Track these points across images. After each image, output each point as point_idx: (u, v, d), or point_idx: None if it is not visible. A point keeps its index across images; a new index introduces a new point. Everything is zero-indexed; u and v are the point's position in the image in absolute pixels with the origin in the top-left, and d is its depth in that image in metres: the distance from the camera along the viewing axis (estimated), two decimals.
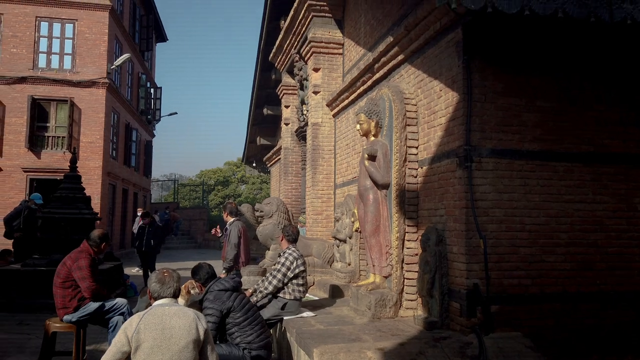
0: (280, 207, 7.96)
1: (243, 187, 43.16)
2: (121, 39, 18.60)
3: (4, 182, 15.57)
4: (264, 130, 17.14)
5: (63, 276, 5.04)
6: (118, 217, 19.07)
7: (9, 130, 15.75)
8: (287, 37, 10.25)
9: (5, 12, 15.93)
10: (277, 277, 5.24)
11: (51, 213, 8.61)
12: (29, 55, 16.05)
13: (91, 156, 16.18)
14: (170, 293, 3.11)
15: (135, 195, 22.23)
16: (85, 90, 16.34)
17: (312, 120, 9.01)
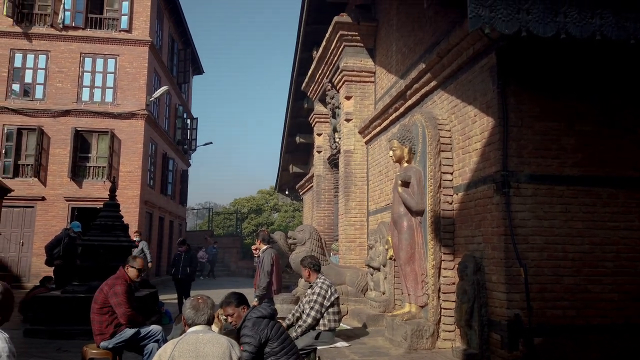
0: (313, 235, 7.93)
1: (276, 215, 43.36)
2: (160, 72, 19.31)
3: (47, 210, 16.15)
4: (297, 158, 17.29)
5: (100, 302, 5.13)
6: (154, 245, 19.40)
7: (53, 160, 16.41)
8: (319, 66, 10.41)
9: (52, 49, 16.82)
10: (315, 308, 5.16)
11: (90, 240, 8.83)
12: (73, 89, 16.82)
13: (129, 185, 16.63)
14: (205, 320, 3.11)
15: (171, 224, 22.63)
16: (125, 121, 16.93)
17: (345, 148, 9.04)
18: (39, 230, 15.97)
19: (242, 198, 44.99)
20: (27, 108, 16.38)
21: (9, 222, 15.61)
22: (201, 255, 24.46)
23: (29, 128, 16.34)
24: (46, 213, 16.12)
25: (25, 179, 16.07)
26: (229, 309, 4.14)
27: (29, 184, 15.99)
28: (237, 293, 4.67)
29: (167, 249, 21.61)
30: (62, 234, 10.89)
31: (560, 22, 3.58)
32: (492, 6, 3.57)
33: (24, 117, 16.33)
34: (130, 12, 17.20)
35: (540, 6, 3.54)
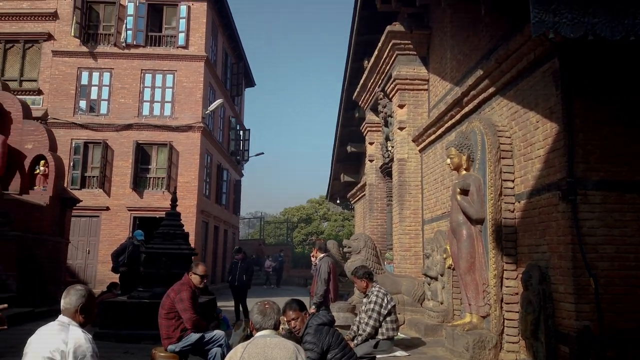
0: (368, 243, 7.95)
1: (325, 224, 43.52)
2: (214, 86, 19.98)
3: (111, 220, 16.99)
4: (348, 167, 17.36)
5: (167, 307, 5.36)
6: (210, 253, 19.97)
7: (116, 172, 17.28)
8: (371, 76, 10.47)
9: (116, 67, 17.78)
10: (373, 316, 5.17)
11: (153, 248, 9.21)
12: (134, 104, 17.68)
13: (187, 195, 17.24)
14: (272, 325, 3.20)
15: (226, 232, 23.22)
16: (182, 134, 17.61)
17: (398, 156, 9.02)
18: (103, 238, 16.82)
19: (292, 207, 45.49)
20: (92, 123, 17.37)
21: (77, 231, 16.52)
22: (268, 264, 24.76)
23: (94, 142, 17.30)
24: (110, 222, 16.96)
25: (91, 190, 16.99)
26: (293, 313, 4.22)
27: (95, 195, 16.90)
28: (298, 299, 4.76)
29: (221, 257, 22.17)
30: (127, 242, 11.43)
31: (629, 25, 3.46)
32: (556, 11, 3.51)
33: (90, 131, 17.32)
34: (187, 29, 17.94)
35: (606, 9, 3.45)
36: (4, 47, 17.68)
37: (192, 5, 18.12)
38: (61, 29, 17.69)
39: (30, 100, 16.29)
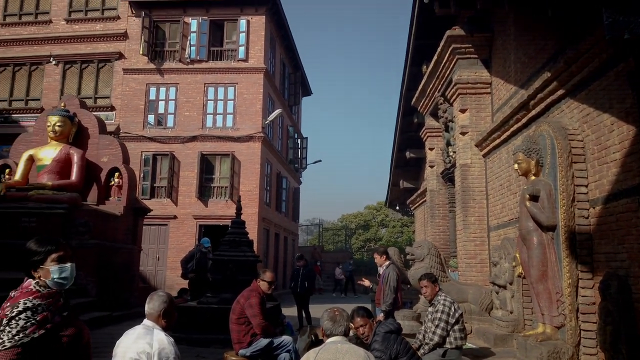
0: (432, 251, 7.86)
1: (384, 230, 43.20)
2: (273, 97, 20.46)
3: (178, 228, 17.76)
4: (407, 173, 17.20)
5: (237, 313, 5.56)
6: (271, 260, 20.38)
7: (182, 182, 18.06)
8: (430, 81, 10.36)
9: (181, 82, 18.64)
10: (440, 325, 5.11)
11: (221, 255, 9.55)
12: (198, 117, 18.43)
13: (249, 203, 17.71)
14: (342, 331, 3.26)
15: (285, 239, 23.61)
16: (243, 144, 18.15)
17: (461, 162, 8.86)
18: (172, 246, 17.60)
19: (349, 214, 45.56)
20: (160, 136, 18.26)
21: (147, 239, 17.37)
22: (338, 272, 24.89)
23: (162, 154, 18.19)
24: (178, 230, 17.72)
25: (159, 200, 17.84)
26: (360, 320, 4.26)
27: (163, 204, 17.72)
28: (364, 307, 4.80)
29: (282, 264, 22.54)
30: (195, 250, 11.92)
31: None
32: (628, 11, 3.38)
33: (158, 144, 18.23)
34: (247, 42, 18.53)
35: None
36: (80, 67, 19.00)
37: (251, 19, 18.70)
38: (131, 48, 18.78)
39: (104, 116, 17.38)
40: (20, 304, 2.06)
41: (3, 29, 19.50)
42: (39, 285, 2.17)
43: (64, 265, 2.23)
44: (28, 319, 2.03)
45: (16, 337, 2.00)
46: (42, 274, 2.19)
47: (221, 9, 18.83)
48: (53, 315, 2.13)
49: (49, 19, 19.27)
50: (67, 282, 2.25)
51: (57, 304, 2.18)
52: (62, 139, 11.69)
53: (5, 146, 16.83)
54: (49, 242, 2.23)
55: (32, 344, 2.03)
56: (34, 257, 2.19)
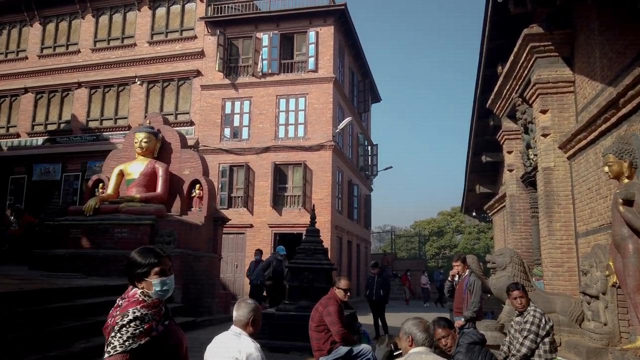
0: (515, 259, 7.53)
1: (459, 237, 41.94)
2: (342, 105, 20.63)
3: (254, 236, 18.32)
4: (483, 178, 16.62)
5: (317, 320, 5.65)
6: (345, 267, 20.45)
7: (257, 192, 18.63)
8: (506, 82, 9.99)
9: (254, 95, 19.30)
10: (530, 337, 4.88)
11: (296, 263, 9.74)
12: (271, 128, 18.98)
13: (321, 211, 17.91)
14: (427, 342, 3.23)
15: (358, 247, 23.60)
16: (315, 153, 18.43)
17: (543, 165, 8.44)
18: (249, 254, 18.14)
19: (422, 220, 44.71)
20: (236, 148, 19.00)
21: (226, 247, 18.07)
22: (424, 281, 24.10)
23: (238, 165, 18.89)
24: (254, 238, 18.28)
25: (236, 209, 18.51)
26: (442, 331, 4.18)
27: (240, 214, 18.37)
28: (445, 317, 4.70)
29: (355, 271, 22.54)
30: (271, 257, 12.25)
31: None
32: None
33: (234, 155, 18.97)
34: (316, 53, 18.86)
35: None
36: (162, 86, 20.24)
37: (320, 30, 19.03)
38: (207, 65, 19.74)
39: (184, 131, 18.36)
40: (129, 313, 2.24)
41: (94, 54, 21.23)
42: (144, 295, 2.35)
43: (165, 278, 2.40)
44: (137, 327, 2.21)
45: (126, 343, 2.18)
46: (145, 285, 2.37)
47: (291, 22, 19.33)
48: (157, 323, 2.30)
49: (134, 43, 20.74)
50: (167, 294, 2.42)
51: (160, 313, 2.35)
52: (148, 154, 12.49)
53: (98, 162, 18.29)
54: (151, 255, 2.41)
55: (138, 350, 2.20)
56: (138, 269, 2.38)
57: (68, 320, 6.92)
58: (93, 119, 20.84)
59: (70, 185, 20.44)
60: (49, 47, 22.00)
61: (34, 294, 6.92)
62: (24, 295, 6.72)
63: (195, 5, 20.28)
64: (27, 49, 22.21)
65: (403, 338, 3.30)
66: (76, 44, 21.59)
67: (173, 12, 20.62)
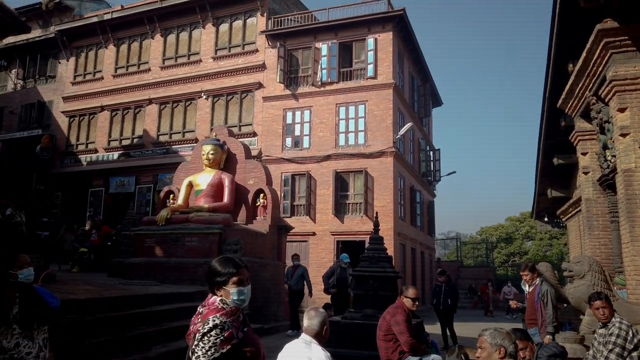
0: (594, 267, 7.09)
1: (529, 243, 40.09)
2: (403, 110, 20.41)
3: (317, 244, 18.45)
4: (555, 181, 15.81)
5: (384, 330, 5.59)
6: (409, 275, 20.12)
7: (319, 200, 18.78)
8: (578, 80, 9.47)
9: (314, 104, 19.53)
10: (615, 350, 4.57)
11: (361, 271, 9.70)
12: (332, 137, 19.10)
13: (383, 219, 17.71)
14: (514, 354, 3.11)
15: (422, 254, 23.15)
16: (375, 160, 18.33)
17: (622, 167, 7.89)
18: (312, 261, 18.31)
19: (489, 226, 43.19)
20: (297, 157, 19.28)
21: (290, 255, 18.28)
22: (507, 291, 22.88)
23: (299, 174, 19.15)
24: (317, 246, 18.41)
25: (299, 217, 18.74)
26: (520, 343, 4.00)
27: (302, 222, 18.57)
28: (521, 329, 4.51)
29: (420, 279, 22.12)
30: (335, 265, 12.28)
31: None
32: None
33: (295, 164, 19.25)
34: (375, 60, 18.82)
35: None
36: (226, 99, 20.96)
37: (378, 37, 18.99)
38: (268, 77, 20.23)
39: (248, 142, 18.90)
40: (210, 321, 2.32)
41: (163, 72, 22.37)
42: (223, 303, 2.43)
43: (242, 288, 2.47)
44: (217, 336, 2.28)
45: (209, 352, 2.25)
46: (223, 294, 2.45)
47: (349, 31, 19.44)
48: (237, 331, 2.37)
49: (199, 59, 21.66)
50: (244, 303, 2.49)
51: (238, 320, 2.42)
52: (214, 166, 12.96)
53: (168, 174, 19.20)
54: (231, 265, 2.49)
55: (221, 358, 2.27)
56: (217, 278, 2.46)
57: (144, 326, 7.27)
58: (163, 133, 21.92)
59: (143, 197, 21.58)
60: (122, 67, 23.43)
61: (114, 300, 7.34)
62: (105, 301, 7.14)
63: (256, 20, 20.89)
64: (103, 70, 23.77)
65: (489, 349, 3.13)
66: (146, 63, 22.85)
67: (235, 28, 21.35)
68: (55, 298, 4.09)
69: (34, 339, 3.39)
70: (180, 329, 7.48)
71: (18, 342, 3.32)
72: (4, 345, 3.23)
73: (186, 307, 8.48)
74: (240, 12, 21.17)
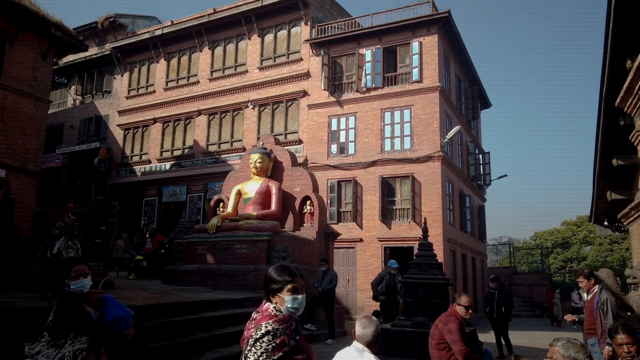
0: None
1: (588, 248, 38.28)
2: (450, 113, 20.04)
3: (364, 250, 18.35)
4: (614, 183, 15.01)
5: (437, 338, 5.47)
6: (460, 282, 19.64)
7: (366, 206, 18.69)
8: (638, 77, 9.01)
9: (359, 110, 19.50)
10: None
11: (410, 278, 9.56)
12: (377, 142, 19.00)
13: (432, 224, 17.42)
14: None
15: (473, 261, 22.55)
16: (422, 165, 18.07)
17: None
18: (360, 268, 18.24)
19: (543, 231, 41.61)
20: (343, 163, 19.29)
21: (337, 262, 18.30)
22: (575, 298, 21.88)
23: (345, 180, 19.15)
24: (364, 252, 18.31)
25: (346, 224, 18.72)
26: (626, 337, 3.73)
27: (349, 228, 18.54)
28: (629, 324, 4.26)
29: (471, 286, 21.55)
30: (383, 272, 12.16)
31: None
32: None
33: (341, 171, 19.27)
34: (420, 63, 18.61)
35: None
36: (272, 108, 21.29)
37: (423, 40, 18.78)
38: (313, 85, 20.40)
39: (293, 150, 19.13)
40: (262, 327, 2.36)
41: (211, 83, 23.01)
42: (276, 310, 2.46)
43: (297, 296, 2.50)
44: (270, 342, 2.31)
45: (260, 358, 2.29)
46: (278, 301, 2.48)
47: (393, 35, 19.33)
48: (289, 338, 2.39)
49: (246, 70, 22.14)
50: (298, 311, 2.51)
51: (291, 328, 2.44)
52: (262, 174, 13.18)
53: (218, 183, 19.69)
54: (286, 273, 2.52)
55: None
56: (273, 285, 2.50)
57: (198, 332, 7.46)
58: (212, 143, 22.51)
59: (194, 205, 22.21)
60: (172, 80, 24.29)
61: (169, 307, 7.58)
62: (161, 308, 7.38)
63: (300, 29, 21.15)
64: (155, 84, 24.73)
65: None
66: (195, 76, 23.59)
67: (280, 38, 21.69)
68: (122, 308, 3.87)
69: (61, 348, 3.35)
70: (232, 335, 7.63)
71: (41, 349, 3.34)
72: (26, 351, 3.24)
73: (237, 314, 8.65)
74: (284, 22, 21.50)
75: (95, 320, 3.59)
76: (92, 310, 3.63)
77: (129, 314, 3.87)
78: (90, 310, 3.61)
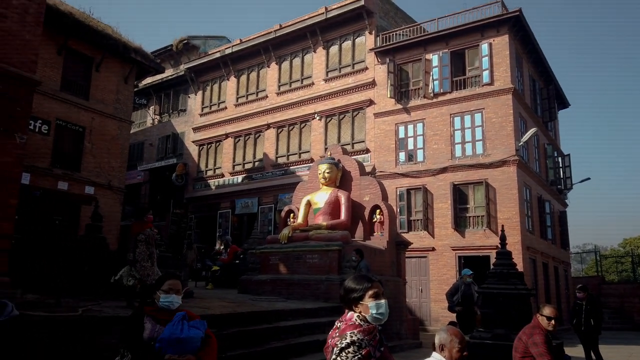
0: None
1: None
2: (524, 116, 19.15)
3: (437, 260, 17.85)
4: None
5: (521, 351, 5.19)
6: (542, 293, 18.57)
7: (437, 214, 18.21)
8: None
9: (427, 117, 19.13)
10: None
11: (489, 289, 9.16)
12: (447, 148, 18.50)
13: (509, 232, 16.58)
14: None
15: (556, 270, 21.26)
16: (496, 170, 17.35)
17: None
18: (433, 277, 17.76)
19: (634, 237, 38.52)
20: (412, 171, 18.97)
21: (409, 271, 17.90)
22: None
23: (415, 188, 18.80)
24: (437, 262, 17.82)
25: (416, 233, 18.34)
26: None
27: (420, 237, 18.14)
28: None
29: (554, 296, 20.30)
30: (459, 282, 11.74)
31: None
32: None
33: (410, 179, 18.94)
34: (490, 65, 17.98)
35: None
36: (338, 118, 21.42)
37: (493, 41, 18.16)
38: (379, 93, 20.30)
39: (361, 159, 19.05)
40: (347, 336, 2.33)
41: (279, 97, 23.58)
42: (360, 319, 2.43)
43: (379, 301, 2.45)
44: (355, 353, 2.27)
45: None
46: (361, 309, 2.45)
47: (460, 39, 18.85)
48: (374, 350, 2.34)
49: (312, 82, 22.48)
50: (383, 318, 2.46)
51: (375, 339, 2.40)
52: (330, 184, 13.25)
53: (287, 194, 20.04)
54: (365, 280, 2.49)
55: None
56: (353, 294, 2.47)
57: (274, 341, 7.58)
58: (281, 155, 23.00)
59: (265, 217, 22.73)
60: (242, 96, 25.15)
61: (246, 316, 7.76)
62: (238, 317, 7.58)
63: (364, 39, 21.17)
64: (226, 100, 25.72)
65: None
66: (264, 90, 24.28)
67: (345, 48, 21.83)
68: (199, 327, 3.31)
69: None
70: (307, 345, 7.68)
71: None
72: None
73: (311, 324, 8.69)
74: (349, 32, 21.62)
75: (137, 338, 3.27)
76: (150, 327, 3.28)
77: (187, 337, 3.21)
78: (148, 326, 3.28)
